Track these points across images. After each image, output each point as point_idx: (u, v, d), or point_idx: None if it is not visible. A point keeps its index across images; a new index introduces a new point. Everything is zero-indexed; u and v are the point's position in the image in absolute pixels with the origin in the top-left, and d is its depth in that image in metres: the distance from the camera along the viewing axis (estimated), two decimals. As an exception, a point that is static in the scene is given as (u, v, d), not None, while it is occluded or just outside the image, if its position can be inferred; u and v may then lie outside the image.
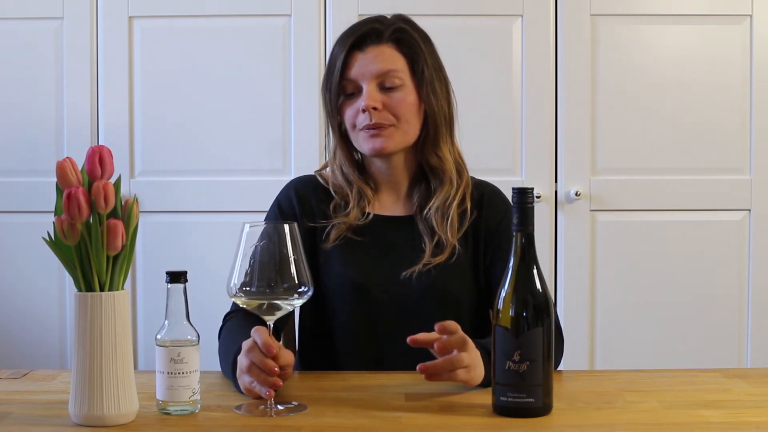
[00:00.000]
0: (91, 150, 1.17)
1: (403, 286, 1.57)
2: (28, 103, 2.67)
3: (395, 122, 1.58)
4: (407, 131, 1.60)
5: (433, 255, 1.58)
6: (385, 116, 1.57)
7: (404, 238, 1.62)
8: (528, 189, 1.23)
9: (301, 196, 1.67)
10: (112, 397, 1.16)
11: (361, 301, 1.58)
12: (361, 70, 1.58)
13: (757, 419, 1.21)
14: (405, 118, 1.59)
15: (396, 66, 1.58)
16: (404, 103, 1.58)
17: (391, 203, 1.67)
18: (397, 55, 1.59)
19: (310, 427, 1.17)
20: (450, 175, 1.63)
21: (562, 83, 2.65)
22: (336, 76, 1.59)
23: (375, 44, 1.59)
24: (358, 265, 1.60)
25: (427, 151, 1.63)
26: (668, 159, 2.67)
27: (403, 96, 1.58)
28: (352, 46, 1.58)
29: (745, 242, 2.68)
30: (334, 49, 1.62)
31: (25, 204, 2.66)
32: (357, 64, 1.58)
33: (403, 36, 1.60)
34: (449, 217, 1.60)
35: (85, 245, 1.15)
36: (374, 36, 1.59)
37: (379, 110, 1.57)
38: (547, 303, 1.21)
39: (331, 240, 1.60)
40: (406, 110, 1.59)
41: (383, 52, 1.59)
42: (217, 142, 2.66)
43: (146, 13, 2.66)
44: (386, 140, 1.58)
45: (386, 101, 1.58)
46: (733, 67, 2.66)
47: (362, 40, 1.59)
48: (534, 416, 1.20)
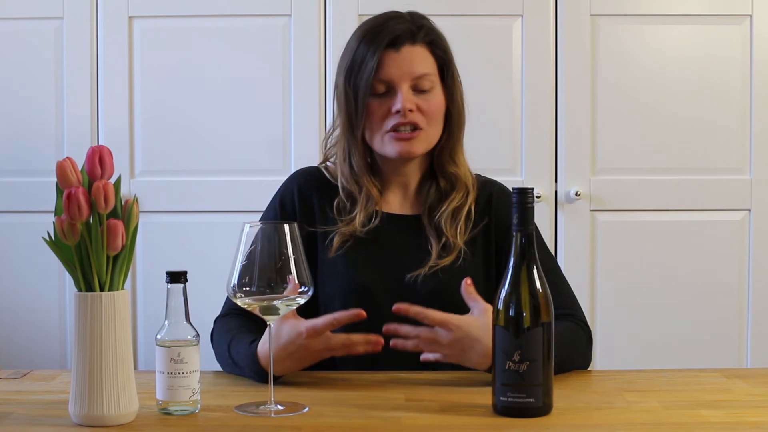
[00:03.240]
0: (91, 150, 1.17)
1: (407, 289, 1.55)
2: (28, 103, 2.67)
3: (424, 125, 1.57)
4: (433, 134, 1.59)
5: (439, 257, 1.57)
6: (418, 117, 1.56)
7: (410, 238, 1.61)
8: (528, 189, 1.23)
9: (303, 194, 1.64)
10: (112, 397, 1.16)
11: (363, 303, 1.56)
12: (397, 71, 1.55)
13: (757, 419, 1.21)
14: (433, 121, 1.58)
15: (429, 69, 1.57)
16: (435, 106, 1.58)
17: (398, 202, 1.65)
18: (430, 58, 1.58)
19: (310, 427, 1.17)
20: (465, 181, 1.62)
21: (562, 83, 2.65)
22: (368, 75, 1.55)
23: (410, 44, 1.57)
24: (363, 266, 1.59)
25: (445, 157, 1.62)
26: (668, 159, 2.67)
27: (434, 99, 1.58)
28: (387, 45, 1.55)
29: (745, 242, 2.68)
30: (360, 46, 1.57)
31: (25, 204, 2.66)
32: (392, 64, 1.55)
33: (435, 38, 1.59)
34: (459, 220, 1.59)
35: (85, 245, 1.15)
36: (409, 36, 1.57)
37: (413, 112, 1.55)
38: (547, 303, 1.21)
39: (334, 248, 1.58)
40: (435, 114, 1.58)
41: (419, 53, 1.57)
42: (217, 141, 2.66)
43: (146, 13, 2.66)
44: (415, 143, 1.56)
45: (420, 103, 1.56)
46: (733, 67, 2.66)
47: (397, 40, 1.56)
48: (534, 416, 1.20)
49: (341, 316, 1.37)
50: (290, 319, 1.38)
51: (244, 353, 1.42)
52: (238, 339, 1.47)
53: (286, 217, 1.63)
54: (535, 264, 1.22)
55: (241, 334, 1.48)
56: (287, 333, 1.37)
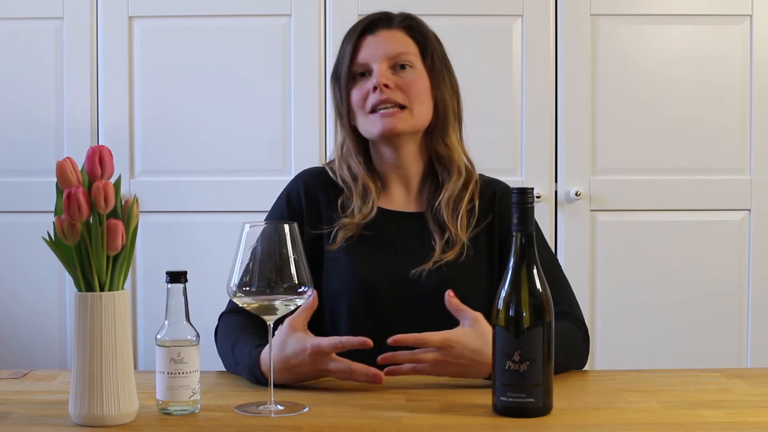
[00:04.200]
0: (91, 150, 1.17)
1: (411, 285, 1.55)
2: (28, 103, 2.67)
3: (407, 103, 1.57)
4: (419, 114, 1.59)
5: (443, 252, 1.57)
6: (396, 94, 1.56)
7: (413, 234, 1.61)
8: (528, 189, 1.23)
9: (310, 193, 1.64)
10: (112, 397, 1.16)
11: (368, 300, 1.56)
12: (372, 51, 1.58)
13: (757, 419, 1.21)
14: (417, 99, 1.58)
15: (407, 49, 1.59)
16: (416, 83, 1.58)
17: (401, 199, 1.65)
18: (407, 39, 1.60)
19: (310, 427, 1.17)
20: (458, 165, 1.62)
21: (562, 83, 2.65)
22: (346, 61, 1.59)
23: (386, 28, 1.60)
24: (366, 263, 1.58)
25: (435, 139, 1.62)
26: (668, 159, 2.67)
27: (414, 77, 1.58)
28: (362, 32, 1.59)
29: (745, 242, 2.68)
30: (344, 41, 1.62)
31: (25, 204, 2.66)
32: (367, 47, 1.58)
33: (413, 23, 1.62)
34: (459, 213, 1.59)
35: (85, 245, 1.15)
36: (385, 21, 1.60)
37: (390, 88, 1.56)
38: (547, 303, 1.21)
39: (338, 242, 1.58)
40: (418, 91, 1.58)
41: (394, 35, 1.60)
42: (217, 142, 2.66)
43: (146, 13, 2.66)
44: (397, 120, 1.56)
45: (398, 81, 1.57)
46: (733, 67, 2.66)
47: (373, 24, 1.59)
48: (534, 416, 1.20)
49: (347, 341, 1.35)
50: (299, 332, 1.37)
51: (247, 355, 1.42)
52: (242, 340, 1.46)
53: (293, 214, 1.63)
54: (535, 264, 1.22)
55: (245, 335, 1.48)
56: (293, 347, 1.36)
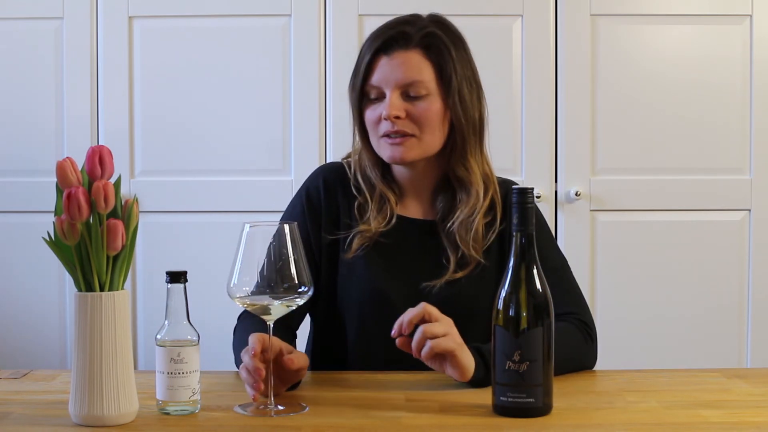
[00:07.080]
0: (91, 150, 1.16)
1: (423, 297, 1.51)
2: (28, 103, 2.68)
3: (417, 132, 1.54)
4: (429, 142, 1.55)
5: (455, 271, 1.55)
6: (407, 125, 1.53)
7: (426, 243, 1.59)
8: (528, 189, 1.23)
9: (329, 187, 1.62)
10: (112, 397, 1.16)
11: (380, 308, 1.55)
12: (385, 76, 1.53)
13: (757, 419, 1.21)
14: (428, 128, 1.54)
15: (422, 76, 1.53)
16: (428, 113, 1.53)
17: (415, 206, 1.63)
18: (424, 62, 1.54)
19: (310, 427, 1.17)
20: (477, 188, 1.58)
21: (562, 83, 2.65)
22: (360, 77, 1.55)
23: (402, 49, 1.53)
24: (380, 271, 1.57)
25: (455, 162, 1.58)
26: (668, 159, 2.67)
27: (427, 106, 1.53)
28: (378, 50, 1.54)
29: (745, 242, 2.68)
30: (363, 49, 1.57)
31: (25, 204, 2.66)
32: (382, 69, 1.53)
33: (432, 41, 1.55)
34: (473, 230, 1.56)
35: (85, 245, 1.15)
36: (402, 40, 1.54)
37: (401, 119, 1.53)
38: (547, 303, 1.21)
39: (353, 250, 1.57)
40: (429, 120, 1.54)
41: (410, 58, 1.53)
42: (217, 142, 2.67)
43: (146, 13, 2.66)
44: (406, 150, 1.53)
45: (409, 110, 1.53)
46: (733, 67, 2.66)
47: (389, 44, 1.54)
48: (534, 416, 1.20)
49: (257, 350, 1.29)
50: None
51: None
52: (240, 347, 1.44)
53: (312, 209, 1.61)
54: (535, 264, 1.22)
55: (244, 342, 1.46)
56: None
